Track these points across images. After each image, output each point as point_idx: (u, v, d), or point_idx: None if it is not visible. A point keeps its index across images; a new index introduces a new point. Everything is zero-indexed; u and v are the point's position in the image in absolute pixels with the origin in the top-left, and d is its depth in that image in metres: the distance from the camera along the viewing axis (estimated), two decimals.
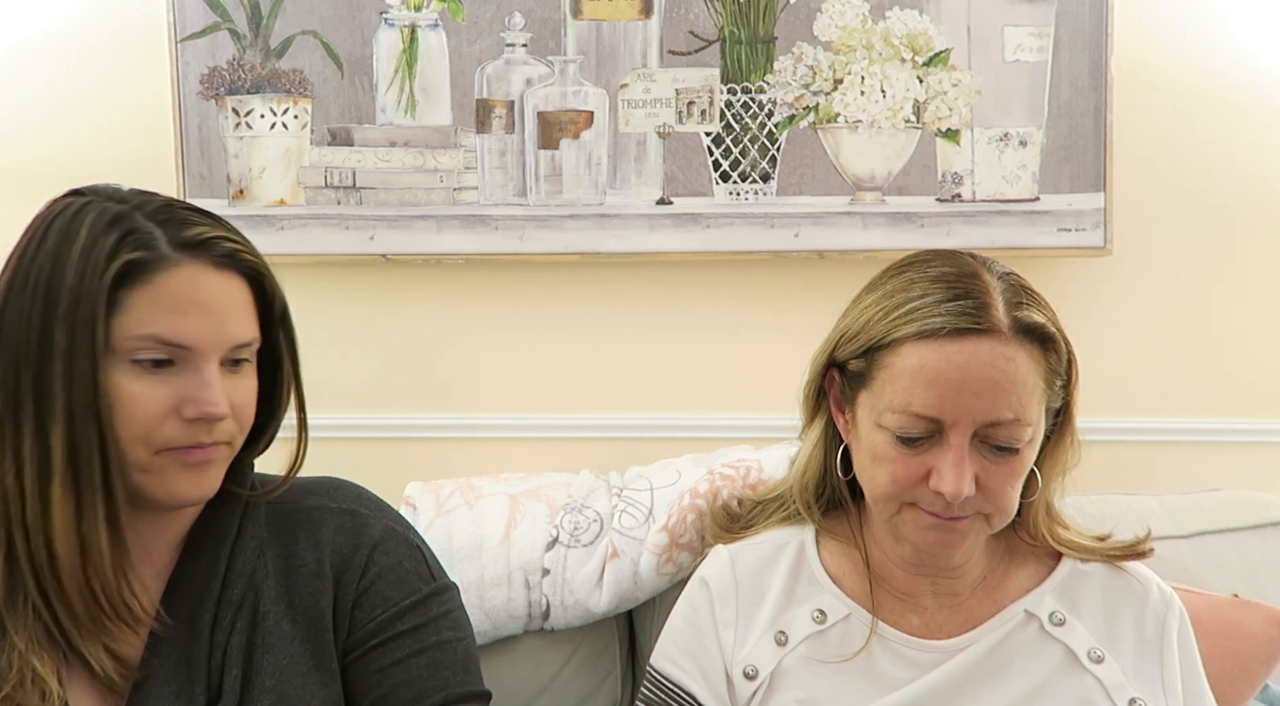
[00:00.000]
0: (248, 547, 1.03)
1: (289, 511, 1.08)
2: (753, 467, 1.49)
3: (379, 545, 1.07)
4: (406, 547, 1.09)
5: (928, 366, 1.03)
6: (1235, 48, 1.74)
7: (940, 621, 1.15)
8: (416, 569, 1.08)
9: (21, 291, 0.92)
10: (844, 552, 1.19)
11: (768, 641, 1.15)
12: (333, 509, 1.08)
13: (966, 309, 1.04)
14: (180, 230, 0.96)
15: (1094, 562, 1.17)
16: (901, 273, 1.11)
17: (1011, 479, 1.06)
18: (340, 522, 1.07)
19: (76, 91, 1.76)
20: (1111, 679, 1.10)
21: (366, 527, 1.07)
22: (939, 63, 1.70)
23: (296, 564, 1.05)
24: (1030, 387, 1.04)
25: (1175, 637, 1.14)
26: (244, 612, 1.01)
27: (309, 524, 1.07)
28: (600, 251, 1.73)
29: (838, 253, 1.72)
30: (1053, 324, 1.07)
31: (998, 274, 1.08)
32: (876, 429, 1.08)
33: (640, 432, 1.77)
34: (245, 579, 1.02)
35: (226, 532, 1.03)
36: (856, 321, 1.11)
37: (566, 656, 1.51)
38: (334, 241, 1.73)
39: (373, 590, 1.05)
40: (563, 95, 1.72)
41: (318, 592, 1.04)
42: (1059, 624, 1.13)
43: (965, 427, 1.03)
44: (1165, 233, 1.77)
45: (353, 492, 1.12)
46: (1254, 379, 1.79)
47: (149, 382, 0.93)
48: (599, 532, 1.51)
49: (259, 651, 1.00)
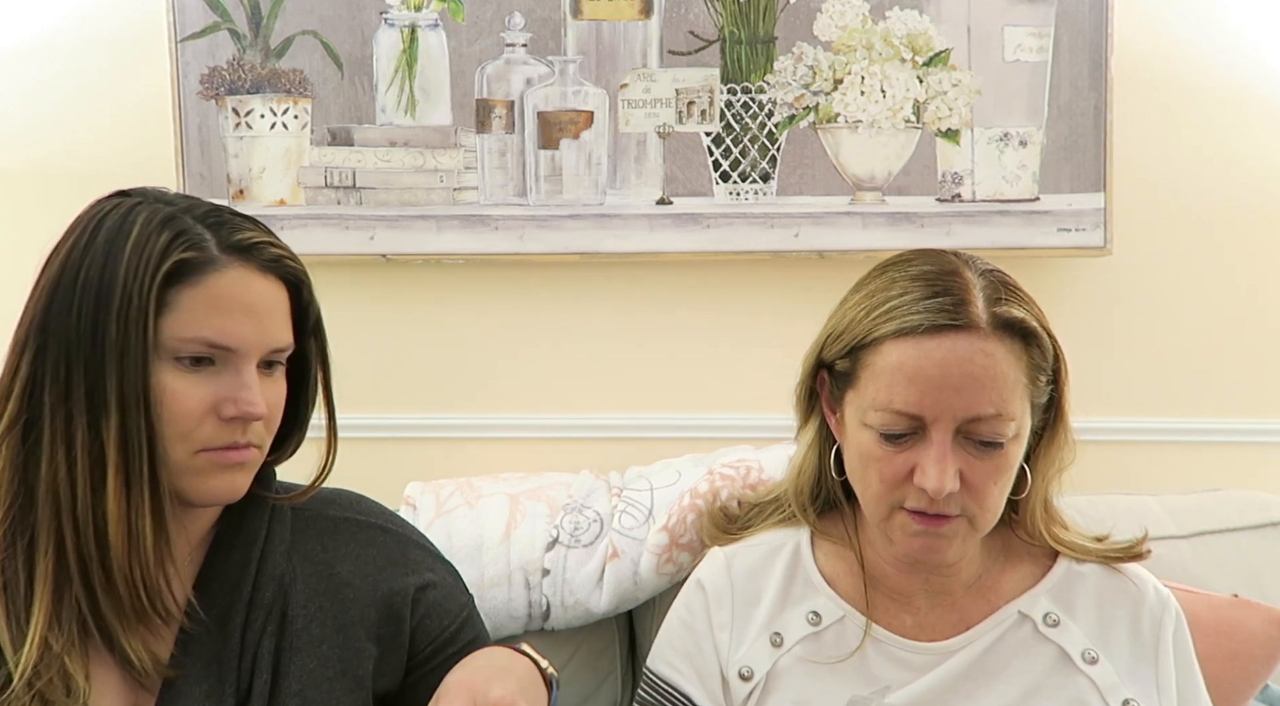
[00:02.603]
0: (277, 551, 1.04)
1: (313, 519, 1.09)
2: (753, 467, 1.49)
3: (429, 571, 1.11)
4: (444, 564, 1.15)
5: (907, 363, 1.04)
6: (1235, 48, 1.74)
7: (934, 622, 1.15)
8: (457, 583, 1.15)
9: (71, 287, 0.93)
10: (839, 554, 1.19)
11: (763, 643, 1.16)
12: (363, 522, 1.11)
13: (945, 305, 1.04)
14: (230, 234, 0.97)
15: (1090, 563, 1.17)
16: (884, 272, 1.12)
17: (996, 476, 1.06)
18: (372, 537, 1.10)
19: (76, 91, 1.76)
20: (1105, 680, 1.10)
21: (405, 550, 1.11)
22: (939, 63, 1.70)
23: (326, 571, 1.06)
24: (1011, 383, 1.04)
25: (1171, 639, 1.14)
26: (274, 616, 1.01)
27: (339, 534, 1.09)
28: (600, 251, 1.73)
29: (838, 253, 1.72)
30: (1035, 319, 1.07)
31: (979, 271, 1.09)
32: (862, 427, 1.08)
33: (640, 432, 1.77)
34: (275, 582, 1.03)
35: (255, 535, 1.04)
36: (841, 321, 1.12)
37: (566, 656, 1.51)
38: (334, 241, 1.73)
39: (429, 616, 1.09)
40: (563, 95, 1.72)
41: (348, 602, 1.05)
42: (1053, 625, 1.13)
43: (947, 423, 1.03)
44: (1165, 233, 1.77)
45: (373, 506, 1.15)
46: (1254, 379, 1.79)
47: (190, 381, 0.95)
48: (599, 533, 1.51)
49: (286, 655, 1.01)
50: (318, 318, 1.06)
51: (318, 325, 1.07)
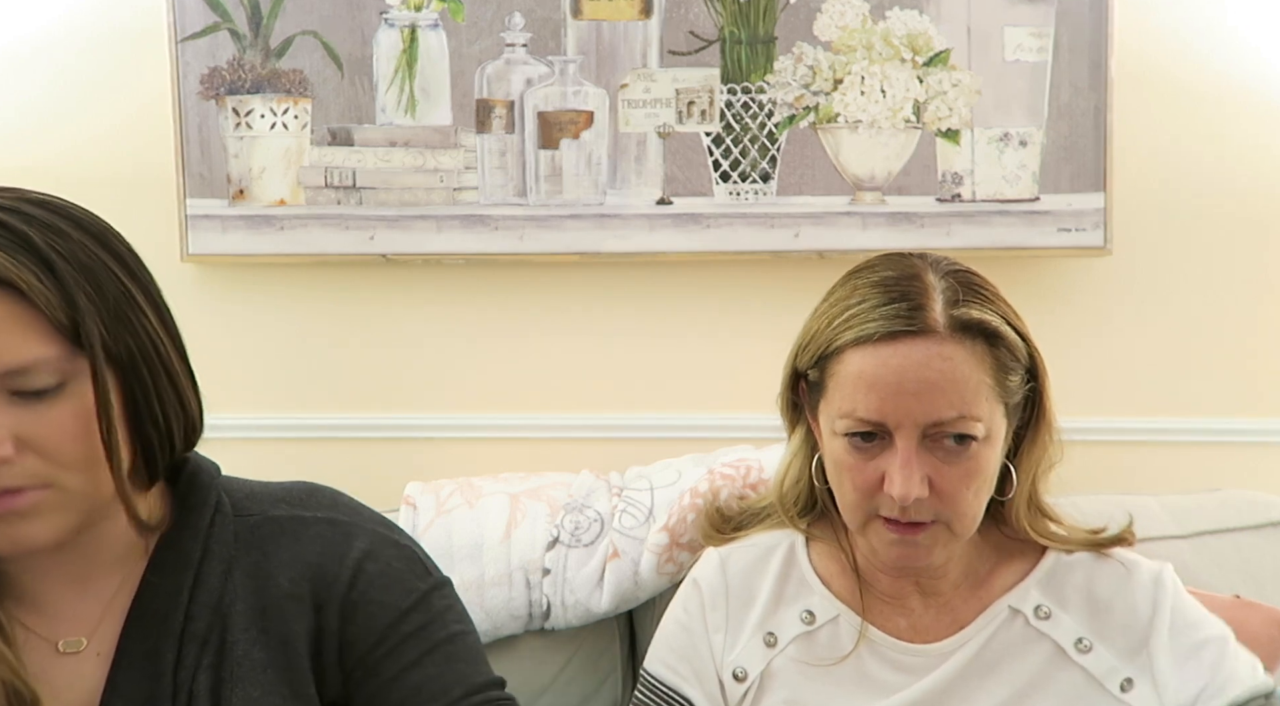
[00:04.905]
0: (213, 573, 0.94)
1: (257, 525, 0.98)
2: (753, 467, 1.49)
3: (368, 554, 0.98)
4: (395, 549, 1.00)
5: (866, 371, 1.04)
6: (1235, 48, 1.74)
7: (928, 623, 1.15)
8: (410, 568, 1.00)
9: None
10: (833, 555, 1.19)
11: (757, 643, 1.16)
12: (308, 518, 0.99)
13: (900, 312, 1.04)
14: None
15: (1079, 553, 1.17)
16: (848, 280, 1.12)
17: (968, 480, 1.06)
18: (318, 533, 0.98)
19: (76, 91, 1.76)
20: (1100, 666, 1.10)
21: (349, 537, 0.98)
22: (939, 63, 1.70)
23: (267, 583, 0.95)
24: (974, 385, 1.04)
25: (1169, 607, 1.12)
26: (210, 646, 0.92)
27: (283, 536, 0.98)
28: (600, 251, 1.73)
29: (838, 253, 1.72)
30: (1001, 318, 1.07)
31: (943, 273, 1.08)
32: (834, 436, 1.09)
33: (640, 432, 1.77)
34: (210, 609, 0.93)
35: (189, 558, 0.94)
36: (809, 330, 1.12)
37: (567, 656, 1.51)
38: (334, 241, 1.73)
39: (365, 601, 0.96)
40: (563, 95, 1.72)
41: (290, 615, 0.95)
42: (1045, 618, 1.13)
43: (910, 430, 1.03)
44: (1165, 233, 1.77)
45: (328, 499, 1.02)
46: (1254, 379, 1.79)
47: None
48: (599, 532, 1.51)
49: (227, 686, 0.91)
50: (101, 309, 0.86)
51: (112, 318, 0.87)
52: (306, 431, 1.80)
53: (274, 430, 1.79)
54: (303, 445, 1.79)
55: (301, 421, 1.80)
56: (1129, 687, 1.09)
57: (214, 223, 1.71)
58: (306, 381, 1.80)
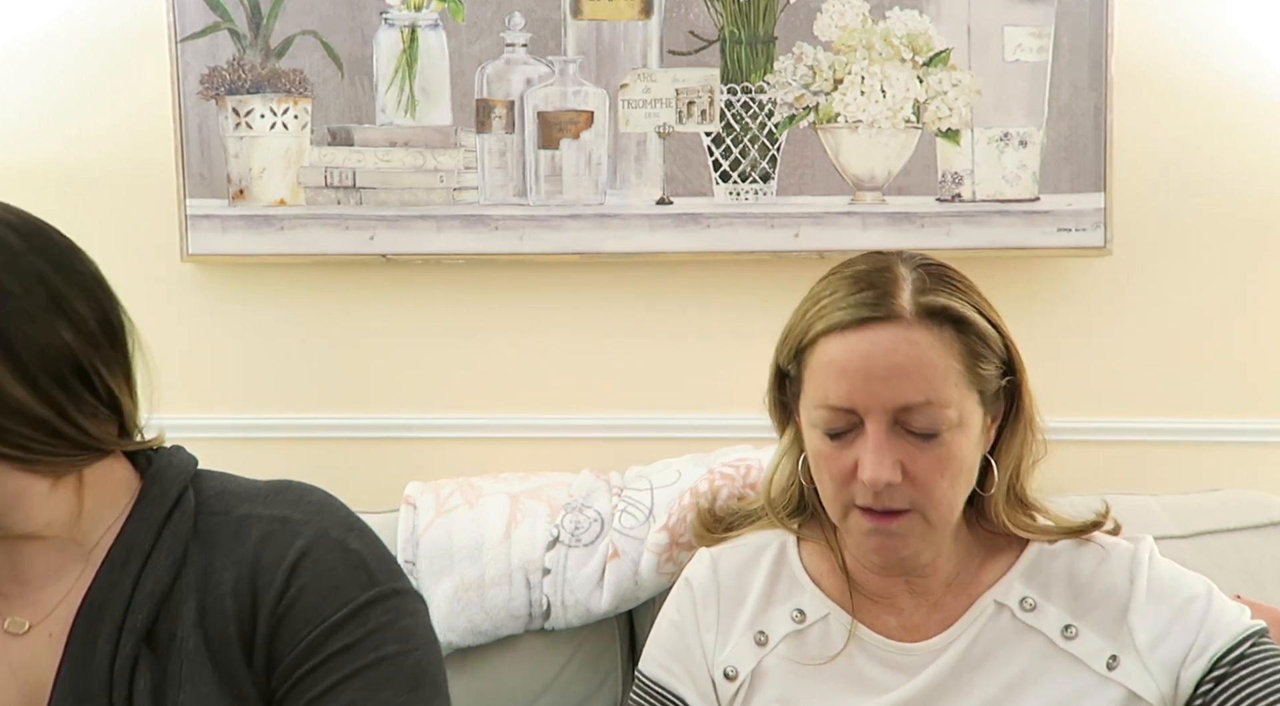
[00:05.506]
0: (160, 566, 0.91)
1: (219, 523, 0.94)
2: (753, 467, 1.49)
3: (306, 555, 0.91)
4: (341, 553, 0.92)
5: (836, 359, 1.06)
6: (1235, 48, 1.74)
7: (918, 621, 1.15)
8: (352, 576, 0.91)
9: None
10: (823, 554, 1.19)
11: (747, 641, 1.16)
12: (263, 516, 0.94)
13: (868, 300, 1.06)
14: None
15: (1061, 542, 1.17)
16: (825, 277, 1.14)
17: (941, 467, 1.06)
18: (265, 532, 0.93)
19: (76, 91, 1.76)
20: (1086, 649, 1.10)
21: (295, 536, 0.92)
22: (939, 63, 1.70)
23: (213, 582, 0.91)
24: (942, 370, 1.05)
25: (1145, 577, 1.12)
26: (157, 641, 0.89)
27: (234, 536, 0.93)
28: (600, 251, 1.73)
29: (838, 253, 1.71)
30: (971, 306, 1.08)
31: (915, 265, 1.10)
32: (811, 427, 1.10)
33: (640, 432, 1.77)
34: (154, 601, 0.90)
35: (139, 549, 0.91)
36: (787, 327, 1.14)
37: (567, 656, 1.51)
38: (334, 241, 1.73)
39: (295, 610, 0.90)
40: (563, 95, 1.72)
41: (227, 616, 0.90)
42: (1030, 609, 1.12)
43: (879, 415, 1.04)
44: (1165, 233, 1.77)
45: (294, 496, 0.96)
46: (1254, 379, 1.79)
47: None
48: (599, 532, 1.51)
49: (172, 686, 0.88)
50: None
51: None
52: (306, 431, 1.80)
53: (274, 430, 1.79)
54: (302, 445, 1.79)
55: (301, 421, 1.80)
56: (1115, 665, 1.09)
57: (214, 223, 1.71)
58: (306, 381, 1.80)
